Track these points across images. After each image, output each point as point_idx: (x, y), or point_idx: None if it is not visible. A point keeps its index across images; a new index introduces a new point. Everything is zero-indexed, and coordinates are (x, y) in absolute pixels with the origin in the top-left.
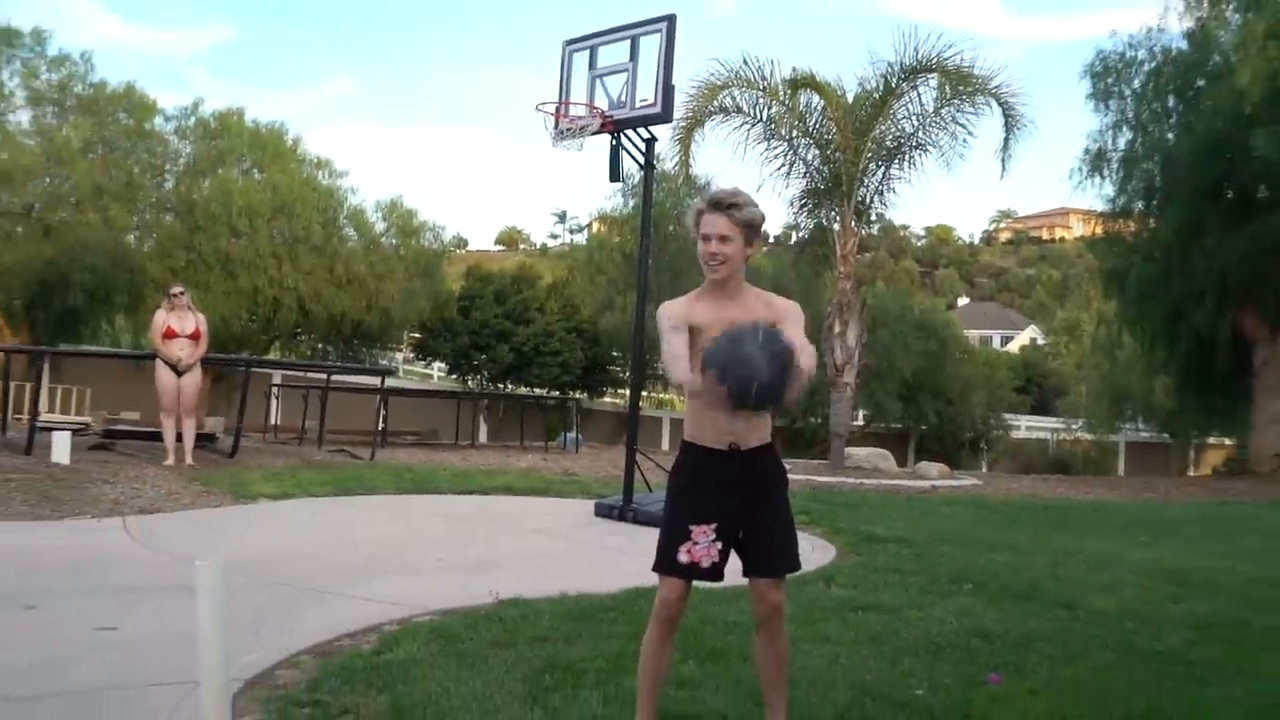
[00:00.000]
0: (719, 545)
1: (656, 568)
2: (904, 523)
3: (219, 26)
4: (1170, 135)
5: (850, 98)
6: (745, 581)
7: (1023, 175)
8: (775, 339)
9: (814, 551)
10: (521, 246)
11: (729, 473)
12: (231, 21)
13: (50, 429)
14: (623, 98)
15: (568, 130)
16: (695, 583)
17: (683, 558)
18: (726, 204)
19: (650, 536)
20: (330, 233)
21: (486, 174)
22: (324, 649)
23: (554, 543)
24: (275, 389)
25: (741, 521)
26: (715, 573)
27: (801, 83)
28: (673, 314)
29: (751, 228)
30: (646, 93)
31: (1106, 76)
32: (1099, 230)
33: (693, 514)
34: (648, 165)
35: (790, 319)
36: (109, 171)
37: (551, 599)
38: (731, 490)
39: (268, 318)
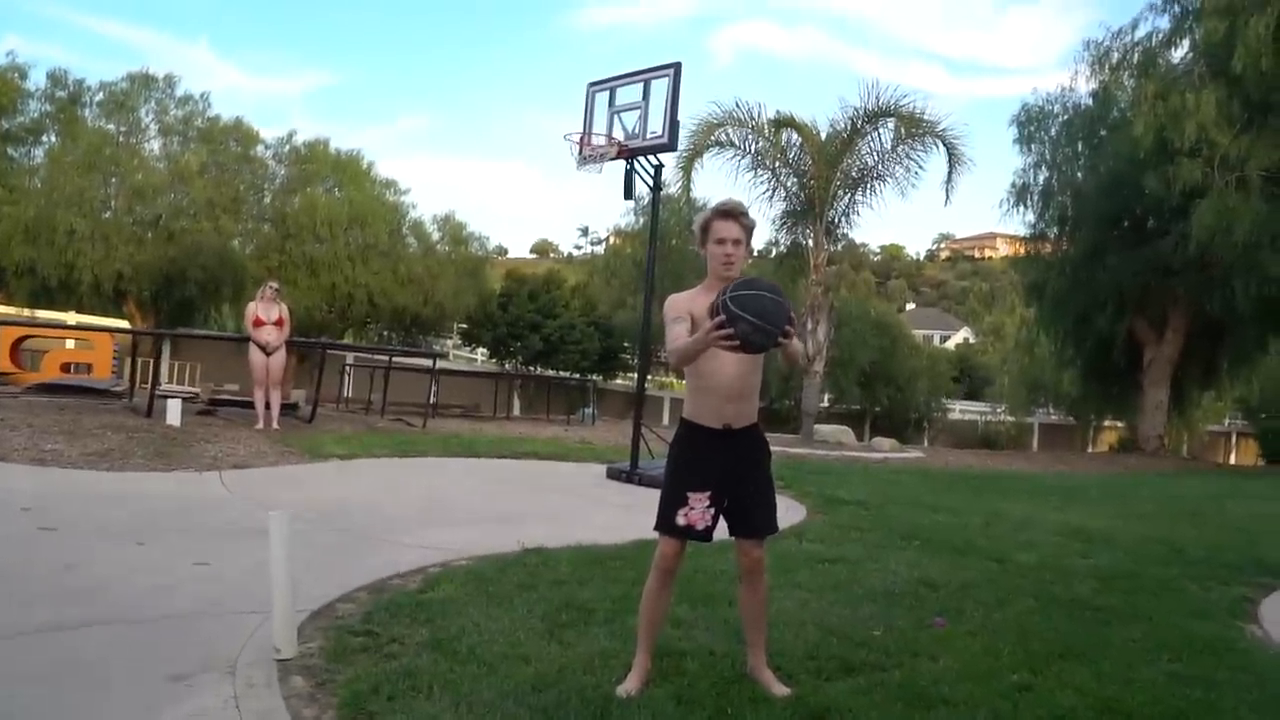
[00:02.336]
0: (712, 511)
1: (657, 527)
2: (862, 488)
3: (313, 74)
4: (1079, 174)
5: (823, 136)
6: (731, 538)
7: (960, 204)
8: (778, 288)
9: (787, 511)
10: (551, 255)
11: (722, 448)
12: (323, 70)
13: (167, 397)
14: (636, 130)
15: (589, 156)
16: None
17: (680, 520)
18: (738, 212)
19: (652, 496)
20: (395, 240)
21: (524, 195)
22: (378, 586)
23: (572, 500)
24: (348, 367)
25: (731, 489)
26: (707, 534)
27: (784, 123)
28: (677, 306)
29: (752, 233)
30: (656, 126)
31: (1029, 125)
32: (1022, 250)
33: (690, 483)
34: (656, 187)
35: None
36: (220, 189)
37: (569, 548)
38: (724, 463)
39: (343, 309)
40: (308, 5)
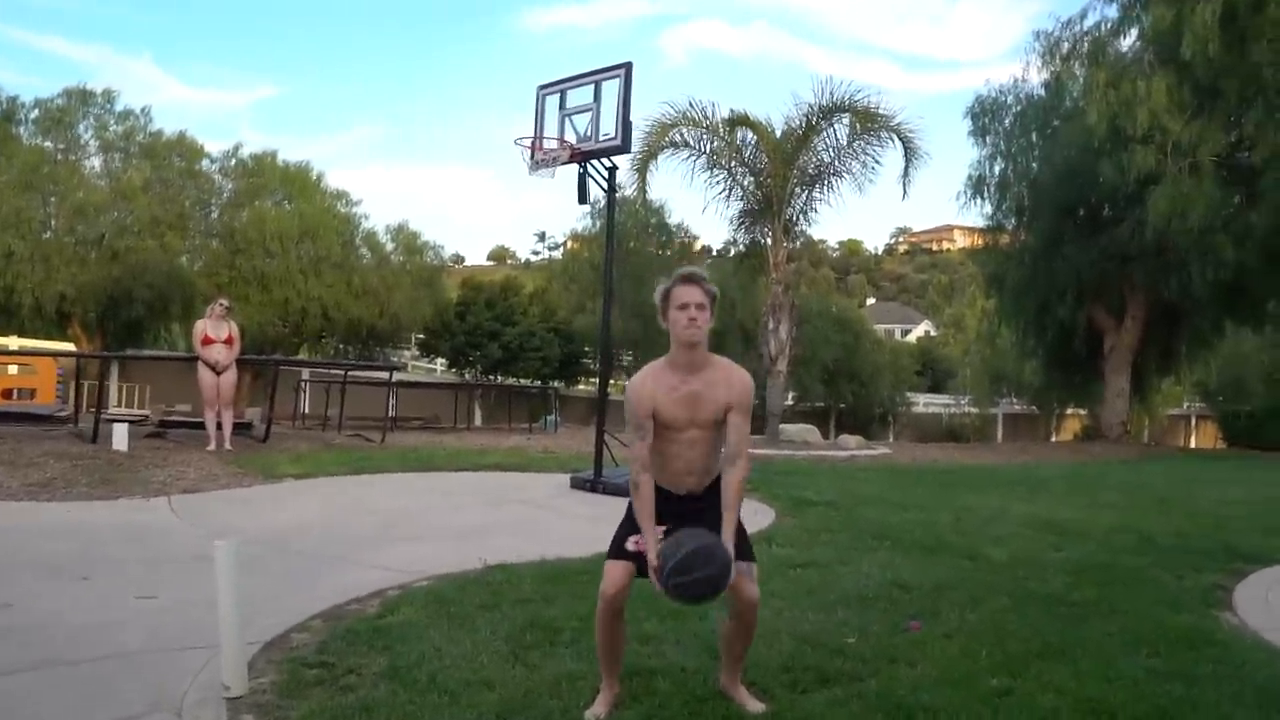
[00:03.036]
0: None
1: (608, 556)
2: (831, 487)
3: (260, 85)
4: (1035, 164)
5: (779, 133)
6: None
7: (917, 197)
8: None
9: (756, 515)
10: (509, 261)
11: (681, 503)
12: (270, 82)
13: (113, 421)
14: (588, 133)
15: (542, 161)
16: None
17: (630, 546)
18: (699, 278)
19: (618, 505)
20: (348, 252)
21: (480, 202)
22: (334, 613)
23: (535, 512)
24: (303, 383)
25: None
26: None
27: (738, 121)
28: (640, 401)
29: (715, 300)
30: (609, 128)
31: (983, 117)
32: (980, 242)
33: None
34: (610, 190)
35: (740, 408)
36: (165, 205)
37: (532, 563)
38: (683, 511)
39: (297, 324)
40: (253, 16)
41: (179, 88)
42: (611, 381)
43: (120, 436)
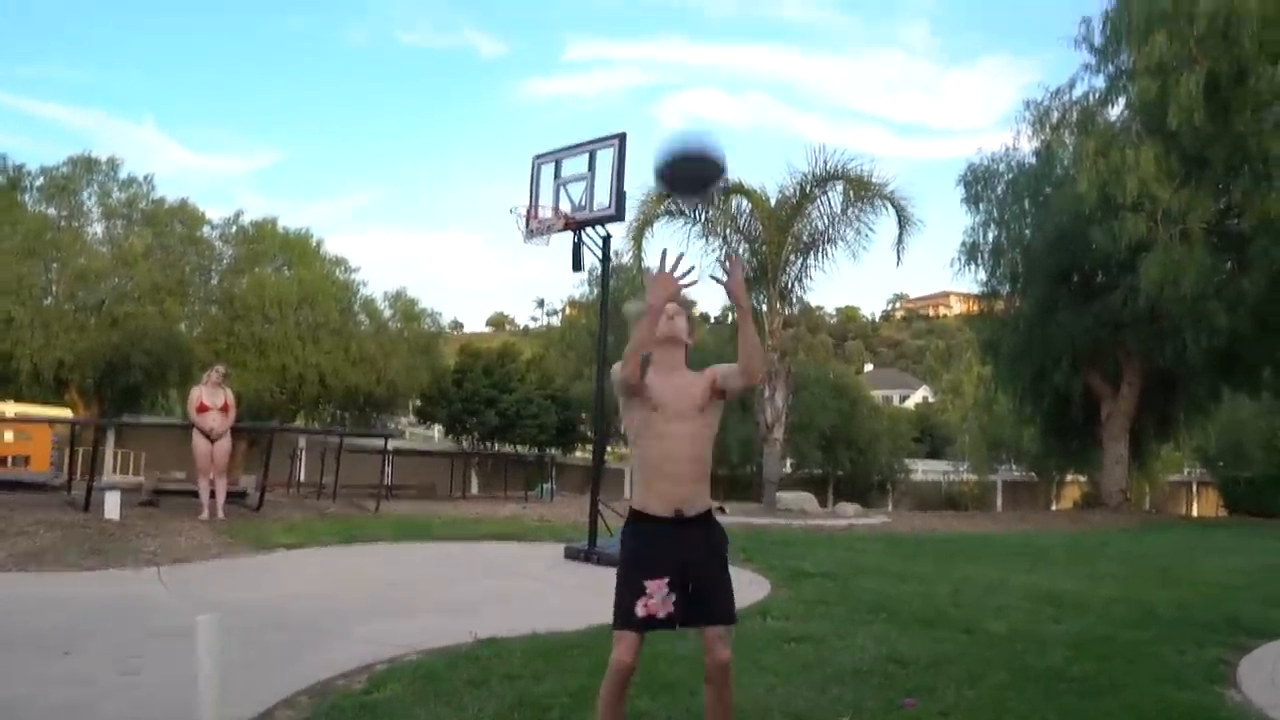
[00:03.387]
0: (673, 597)
1: (616, 625)
2: (827, 558)
3: (261, 152)
4: (1027, 231)
5: (773, 201)
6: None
7: (913, 263)
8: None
9: (751, 586)
10: (507, 327)
11: (676, 536)
12: (271, 148)
13: (105, 489)
14: (583, 202)
15: (536, 229)
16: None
17: (640, 611)
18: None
19: (612, 576)
20: (346, 319)
21: (478, 268)
22: (320, 689)
23: (529, 583)
24: (299, 451)
25: (690, 576)
26: (671, 622)
27: (733, 190)
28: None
29: (691, 314)
30: (603, 198)
31: (976, 184)
32: (975, 308)
33: (646, 570)
34: (605, 258)
35: (724, 369)
36: (165, 272)
37: (523, 637)
38: (680, 551)
39: (294, 390)
40: (254, 83)
41: (181, 152)
42: (608, 449)
43: (112, 505)
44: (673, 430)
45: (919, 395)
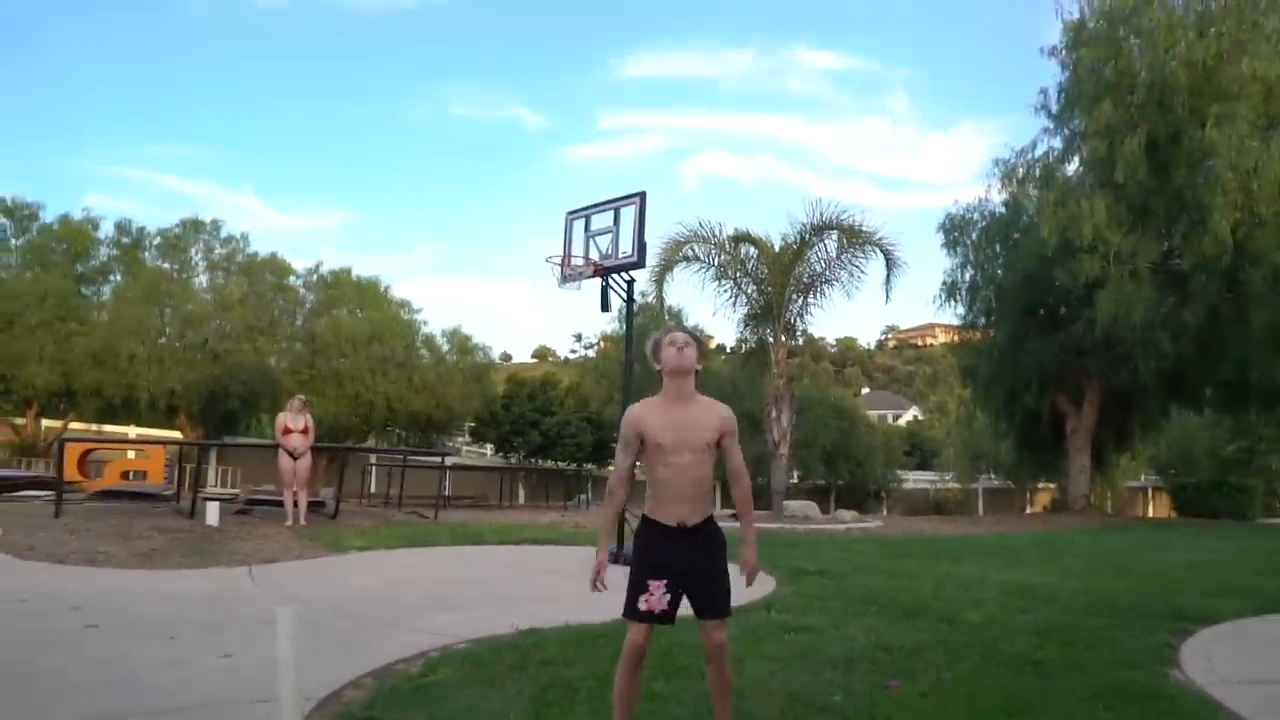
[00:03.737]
0: (669, 597)
1: (625, 614)
2: (826, 558)
3: (340, 213)
4: (999, 271)
5: (777, 248)
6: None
7: (902, 298)
8: None
9: (758, 584)
10: (549, 359)
11: (678, 542)
12: (348, 209)
13: (207, 499)
14: (609, 251)
15: (570, 276)
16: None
17: (641, 606)
18: (683, 327)
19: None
20: (409, 353)
21: (525, 306)
22: (383, 672)
23: (564, 581)
24: (370, 466)
25: (689, 576)
26: (666, 617)
27: (742, 238)
28: (630, 424)
29: (699, 344)
30: (627, 247)
31: (954, 231)
32: (957, 338)
33: (649, 571)
34: (629, 300)
35: (731, 434)
36: (257, 314)
37: (558, 628)
38: (681, 555)
39: (366, 415)
40: (334, 155)
41: (272, 214)
42: (637, 464)
43: (212, 513)
44: (676, 461)
45: (910, 414)
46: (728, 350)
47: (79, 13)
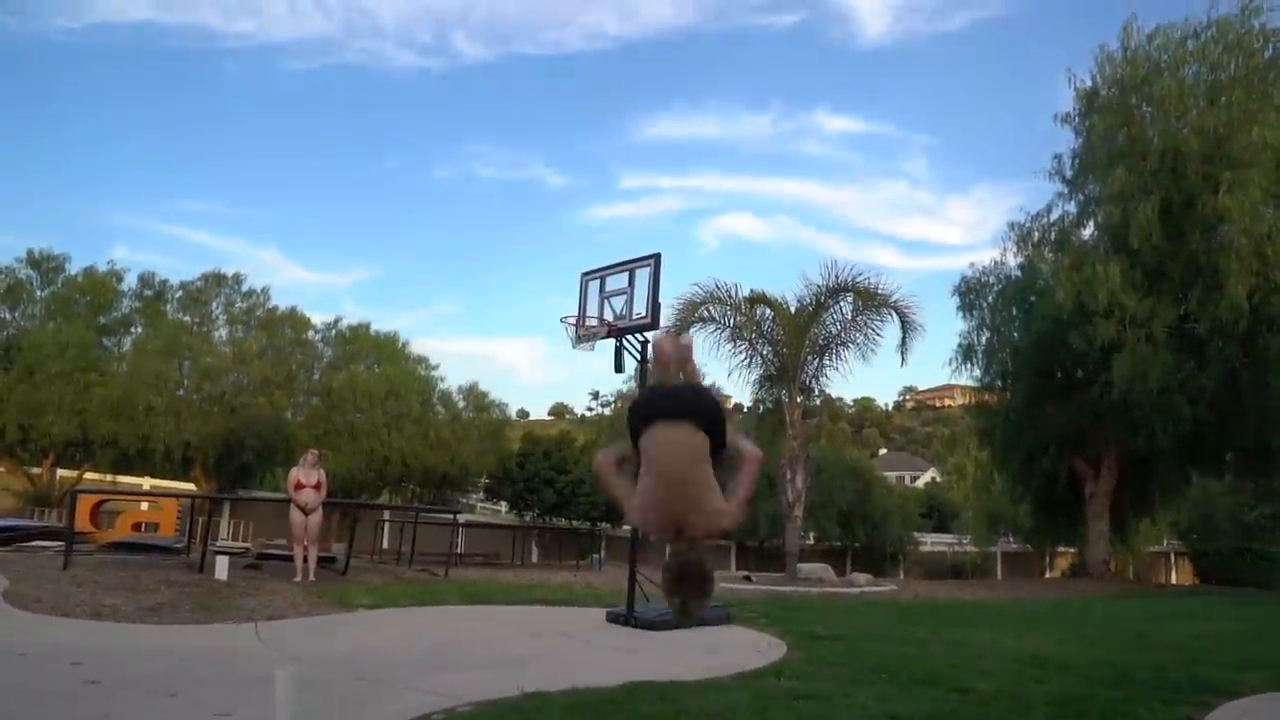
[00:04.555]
0: None
1: None
2: (838, 622)
3: (360, 269)
4: (1015, 334)
5: (793, 309)
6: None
7: (921, 359)
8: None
9: (769, 648)
10: (567, 416)
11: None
12: (368, 265)
13: (218, 553)
14: (623, 312)
15: (584, 336)
16: (670, 678)
17: None
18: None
19: (648, 639)
20: (425, 409)
21: (543, 363)
22: None
23: (573, 644)
24: (383, 522)
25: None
26: None
27: (757, 300)
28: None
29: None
30: (641, 308)
31: (970, 294)
32: (974, 400)
33: None
34: (643, 360)
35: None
36: (275, 368)
37: (565, 691)
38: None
39: (380, 470)
40: (356, 211)
41: (295, 269)
42: None
43: (222, 567)
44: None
45: (928, 476)
46: (743, 410)
47: (113, 67)
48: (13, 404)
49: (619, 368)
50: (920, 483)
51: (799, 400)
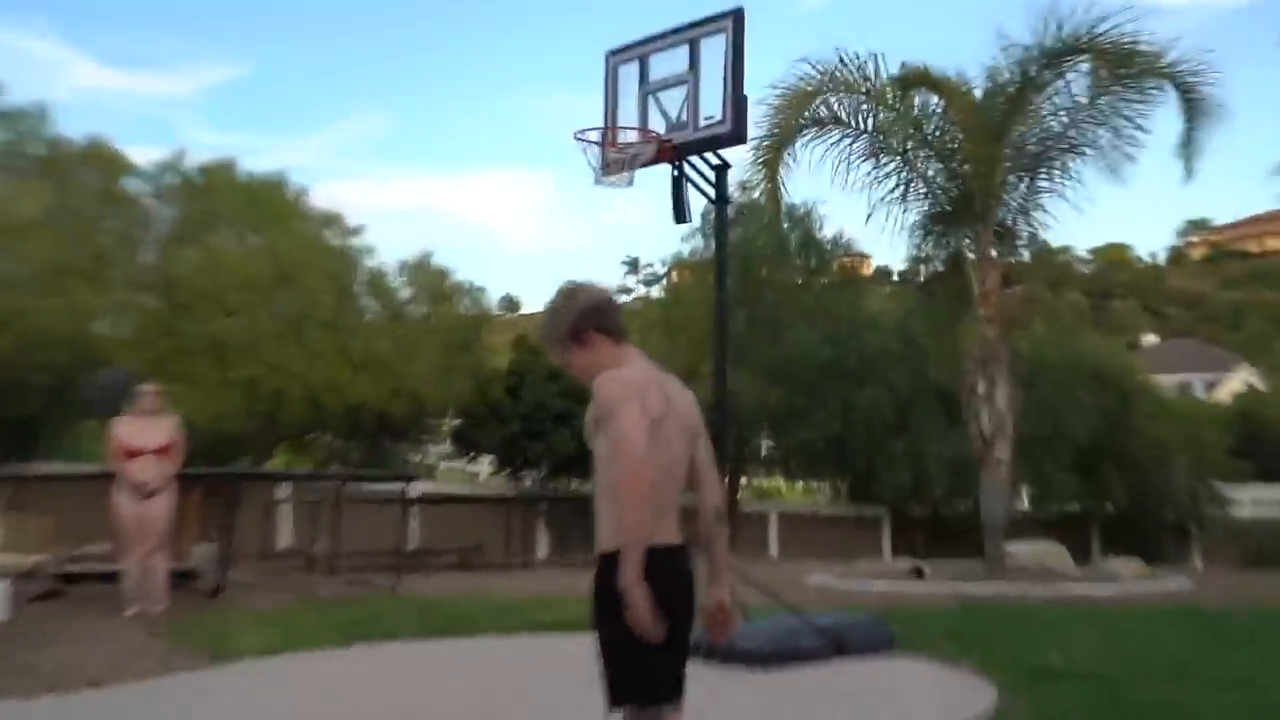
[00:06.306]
0: None
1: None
2: (1087, 647)
3: (210, 67)
4: None
5: (979, 94)
6: None
7: (1218, 175)
8: None
9: (971, 691)
10: None
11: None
12: (224, 61)
13: None
14: (683, 116)
15: (616, 162)
16: None
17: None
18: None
19: (743, 683)
20: (343, 304)
21: (537, 220)
22: None
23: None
24: (279, 504)
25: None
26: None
27: (913, 81)
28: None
29: (564, 336)
30: (712, 109)
31: None
32: None
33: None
34: (720, 199)
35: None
36: (72, 245)
37: None
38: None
39: (269, 414)
40: None
41: (90, 67)
42: (741, 483)
43: None
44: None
45: (1238, 380)
46: (894, 277)
47: None
48: None
49: (680, 214)
50: (1224, 393)
51: (993, 254)
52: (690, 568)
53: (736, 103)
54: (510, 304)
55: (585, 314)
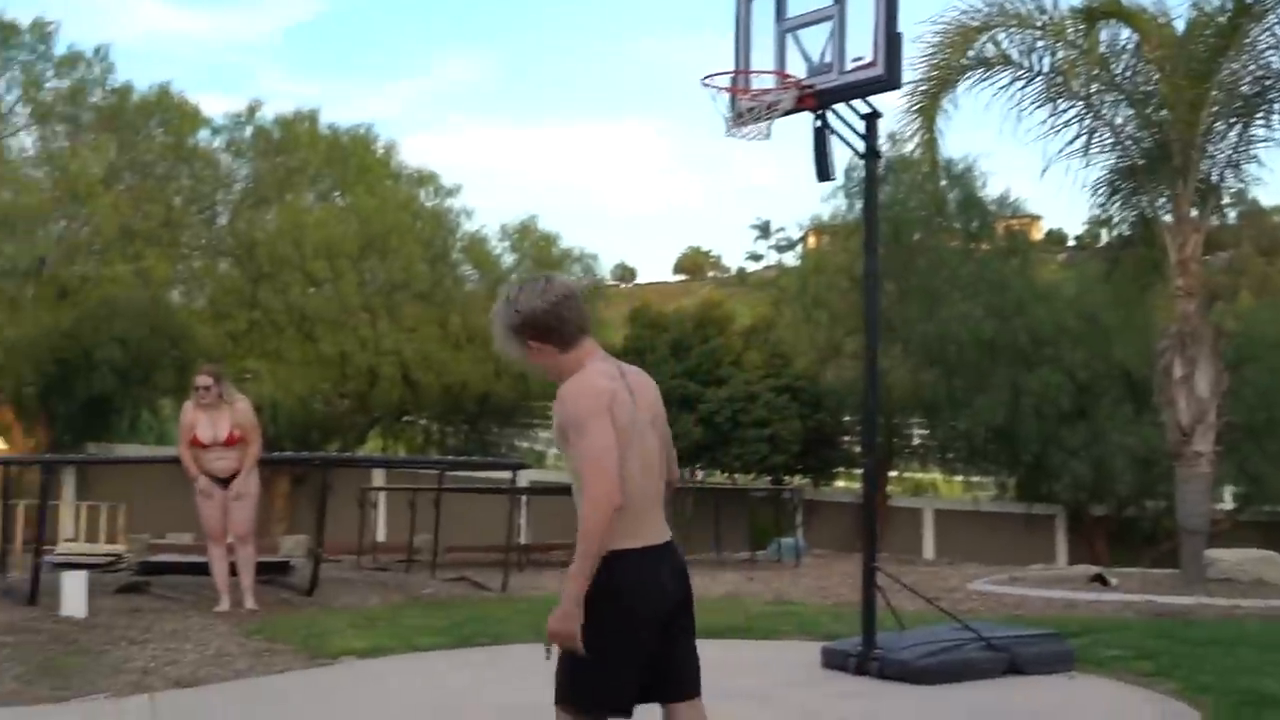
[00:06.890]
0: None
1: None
2: None
3: (289, 6)
4: None
5: (1179, 26)
6: None
7: None
8: None
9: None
10: (710, 274)
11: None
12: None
13: (63, 566)
14: (827, 58)
15: (749, 112)
16: None
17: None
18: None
19: (903, 698)
20: (440, 273)
21: (656, 180)
22: None
23: (759, 713)
24: (374, 493)
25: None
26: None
27: (1101, 12)
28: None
29: (510, 342)
30: (861, 48)
31: None
32: None
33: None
34: (870, 152)
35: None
36: (140, 207)
37: None
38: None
39: (361, 394)
40: None
41: (155, 7)
42: (892, 474)
43: (75, 593)
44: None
45: None
46: (1071, 243)
47: None
48: None
49: (823, 171)
50: None
51: (1193, 214)
52: (681, 563)
53: (890, 41)
54: (625, 273)
55: (522, 325)
